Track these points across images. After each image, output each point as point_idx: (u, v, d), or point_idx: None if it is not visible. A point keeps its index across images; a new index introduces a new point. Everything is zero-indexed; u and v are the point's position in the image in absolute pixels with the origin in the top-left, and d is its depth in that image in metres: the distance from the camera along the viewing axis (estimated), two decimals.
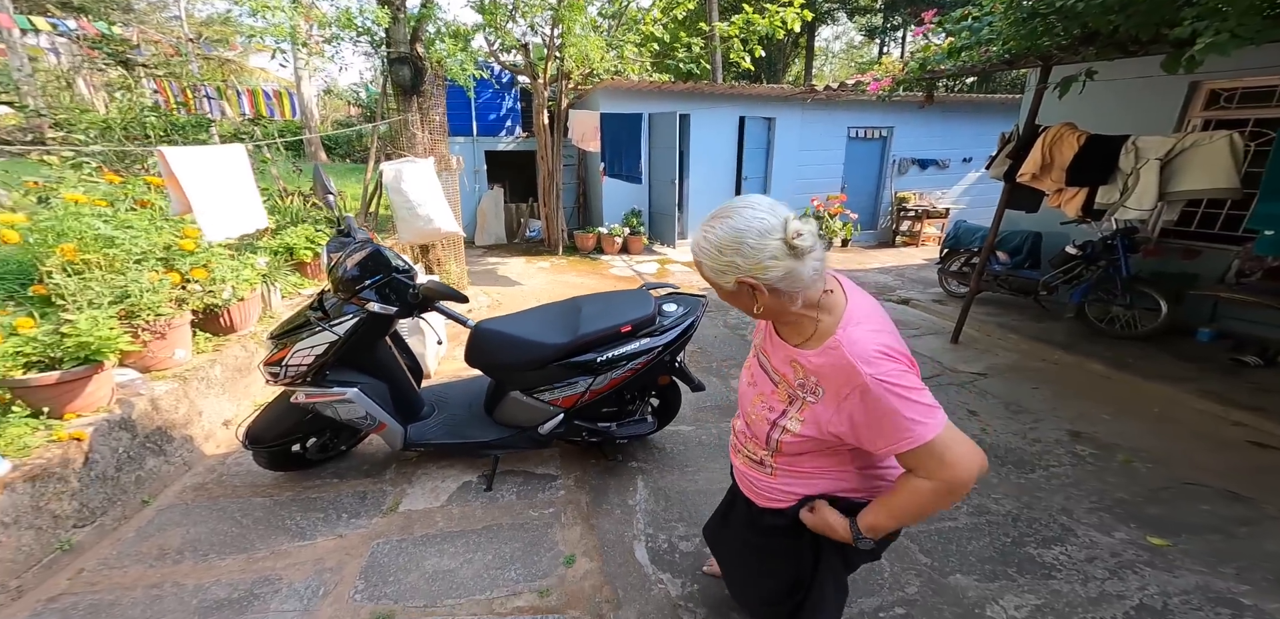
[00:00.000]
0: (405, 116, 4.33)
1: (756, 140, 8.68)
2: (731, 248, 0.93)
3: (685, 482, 2.55)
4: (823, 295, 1.01)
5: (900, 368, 0.93)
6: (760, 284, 0.94)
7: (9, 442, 2.12)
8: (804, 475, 1.15)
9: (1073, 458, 2.84)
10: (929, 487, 0.94)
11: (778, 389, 1.11)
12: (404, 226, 3.88)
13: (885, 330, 0.99)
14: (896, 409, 0.90)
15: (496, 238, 8.50)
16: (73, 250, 2.68)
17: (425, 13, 4.26)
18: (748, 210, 0.94)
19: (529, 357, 2.33)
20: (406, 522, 2.23)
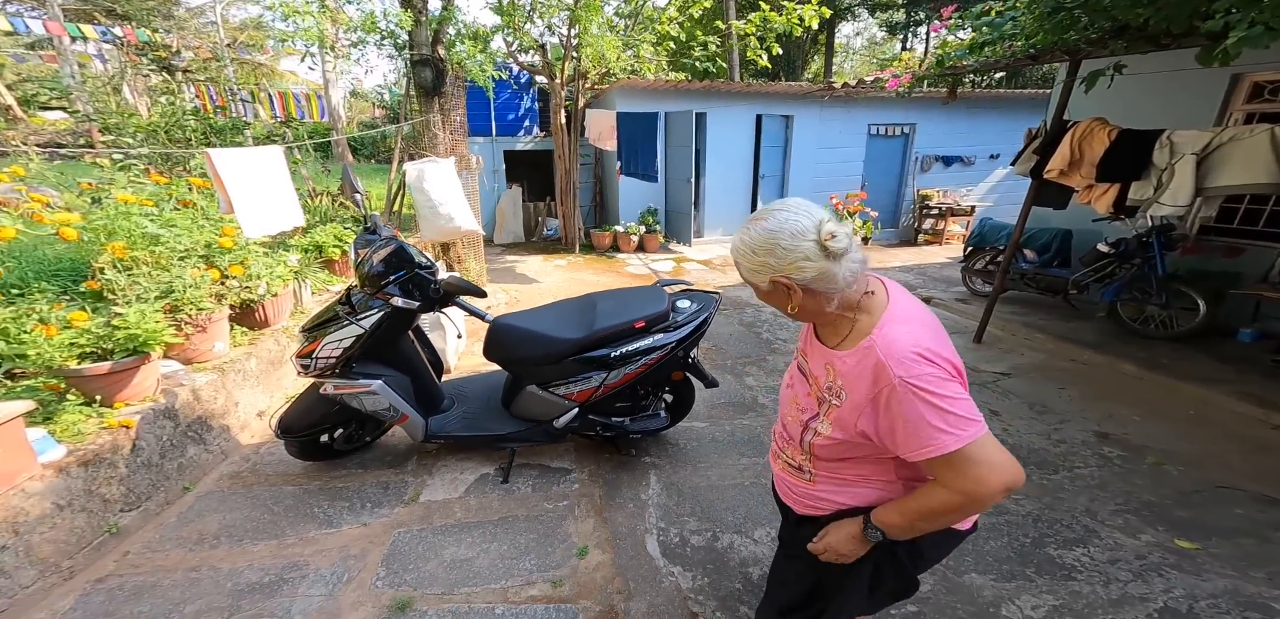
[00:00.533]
0: (427, 117, 4.44)
1: (774, 138, 8.60)
2: (765, 249, 0.95)
3: (698, 477, 2.57)
4: (863, 297, 1.00)
5: (937, 373, 0.89)
6: (794, 284, 0.95)
7: (64, 428, 2.26)
8: (845, 483, 1.11)
9: (1099, 459, 2.76)
10: (946, 496, 0.92)
11: (811, 390, 1.10)
12: (426, 225, 3.98)
13: (927, 333, 0.94)
14: (921, 415, 0.88)
15: (515, 236, 8.63)
16: (123, 248, 2.84)
17: (446, 15, 4.36)
18: (783, 213, 0.95)
19: (545, 351, 2.38)
20: (426, 512, 2.30)
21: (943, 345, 0.94)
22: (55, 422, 2.27)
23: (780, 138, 8.69)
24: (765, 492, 2.46)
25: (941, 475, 0.92)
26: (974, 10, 3.97)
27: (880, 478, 1.07)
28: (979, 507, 0.92)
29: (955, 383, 0.90)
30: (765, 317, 5.06)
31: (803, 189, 8.93)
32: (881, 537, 1.06)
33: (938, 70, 4.33)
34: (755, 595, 1.88)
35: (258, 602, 1.86)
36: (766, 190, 8.89)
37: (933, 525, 1.00)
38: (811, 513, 1.18)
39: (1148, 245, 4.43)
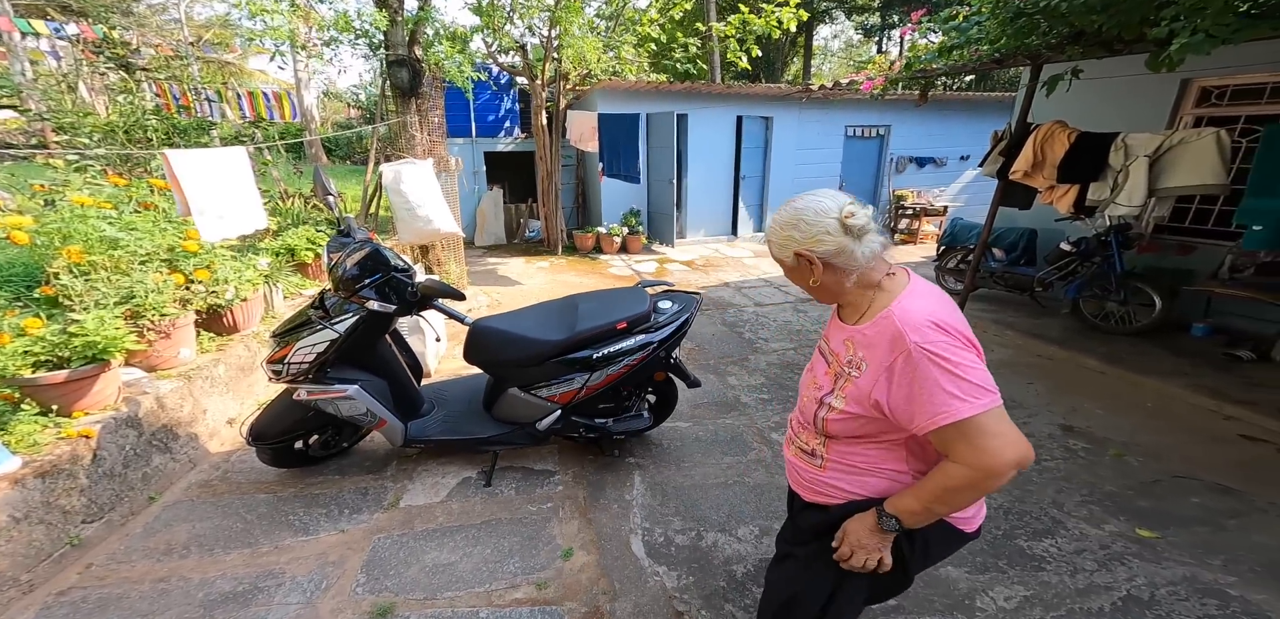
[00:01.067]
0: (404, 118, 4.36)
1: (754, 140, 8.70)
2: (791, 224, 1.04)
3: (682, 477, 2.57)
4: (882, 278, 1.05)
5: (951, 341, 0.92)
6: (815, 256, 1.02)
7: (19, 439, 2.16)
8: (855, 470, 1.11)
9: (1065, 452, 2.86)
10: (960, 471, 0.92)
11: (829, 369, 1.13)
12: (404, 227, 3.91)
13: (943, 307, 0.99)
14: (935, 379, 0.90)
15: (496, 238, 8.54)
16: (79, 252, 2.72)
17: (423, 15, 4.28)
18: (811, 196, 1.04)
19: (526, 353, 2.36)
20: (407, 517, 2.26)
21: (958, 320, 0.98)
22: (9, 432, 2.17)
23: (761, 139, 8.78)
24: (749, 490, 2.48)
25: (954, 448, 0.92)
26: (942, 14, 4.09)
27: (889, 467, 1.08)
28: (992, 482, 0.92)
29: (970, 352, 0.93)
30: (747, 317, 5.11)
31: (782, 190, 9.04)
32: (898, 526, 1.04)
33: (909, 73, 4.44)
34: (739, 593, 1.89)
35: (231, 611, 1.80)
36: (747, 192, 8.97)
37: (949, 507, 1.00)
38: (819, 500, 1.19)
39: (1107, 244, 4.61)
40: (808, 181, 9.10)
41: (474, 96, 7.77)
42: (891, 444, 1.07)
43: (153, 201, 3.70)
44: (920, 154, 9.92)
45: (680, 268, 7.11)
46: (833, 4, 18.14)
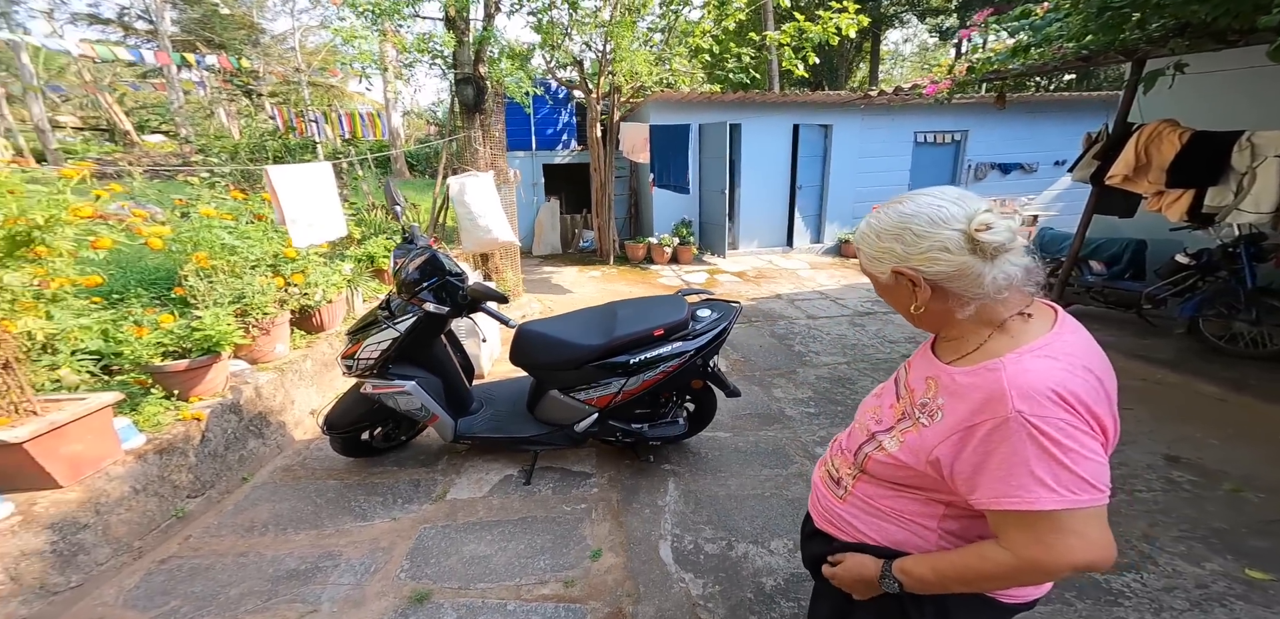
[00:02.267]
0: (468, 133, 4.69)
1: (812, 148, 8.43)
2: (893, 233, 0.84)
3: (717, 486, 2.52)
4: (1013, 317, 0.84)
5: (1072, 422, 0.73)
6: (921, 278, 0.82)
7: (145, 418, 2.52)
8: (876, 514, 0.99)
9: (1166, 484, 2.50)
10: (1004, 559, 0.78)
11: (898, 404, 0.97)
12: (466, 236, 4.17)
13: (1083, 381, 0.76)
14: (1025, 458, 0.74)
15: (552, 247, 8.84)
16: (205, 258, 3.14)
17: (486, 35, 4.59)
18: (925, 196, 0.83)
19: (566, 357, 2.43)
20: (451, 509, 2.39)
21: (1097, 400, 0.76)
22: (138, 412, 2.53)
23: (819, 148, 8.50)
24: (786, 503, 2.39)
25: (1010, 534, 0.78)
26: (1014, 12, 3.76)
27: (916, 522, 0.94)
28: (1039, 579, 0.79)
29: (1093, 440, 0.75)
30: (798, 329, 4.93)
31: (842, 200, 8.68)
32: (898, 589, 0.92)
33: (978, 75, 4.12)
34: (766, 606, 1.82)
35: (293, 588, 1.98)
36: (804, 202, 8.69)
37: (969, 589, 0.87)
38: (828, 530, 1.08)
39: (1235, 256, 4.00)
40: (870, 191, 8.66)
41: (534, 111, 8.17)
42: (929, 499, 0.91)
43: (264, 213, 4.22)
44: (1004, 160, 9.13)
45: (731, 279, 7.01)
46: (903, 7, 17.21)
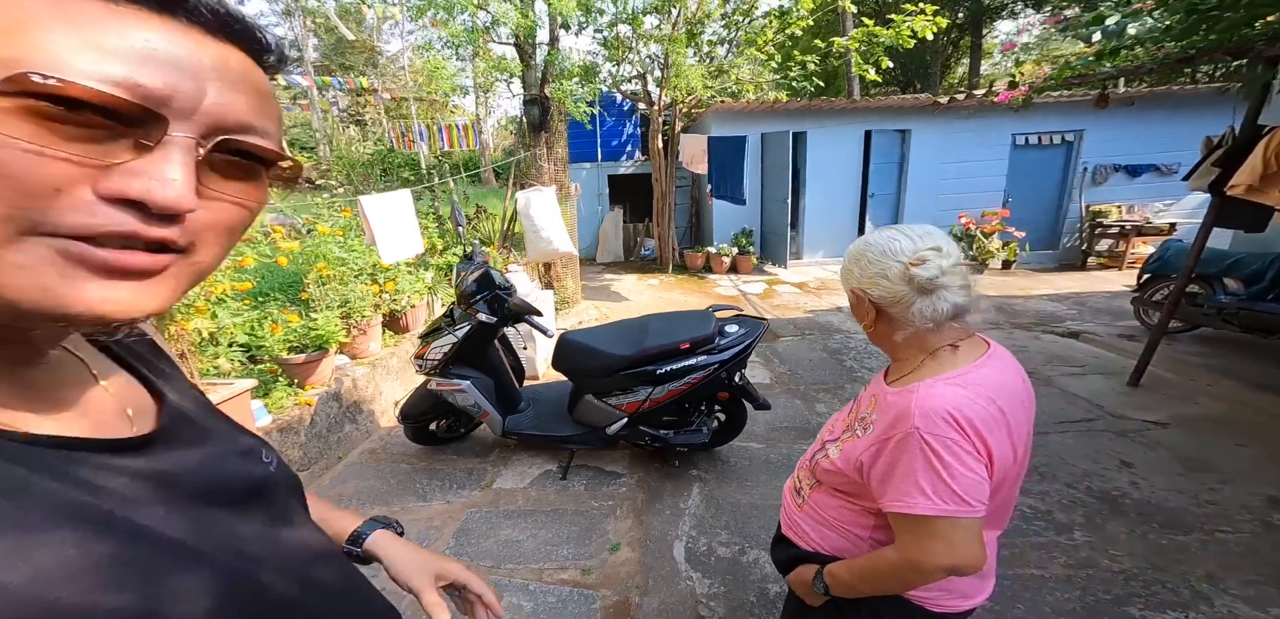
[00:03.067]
0: (534, 150, 5.11)
1: (886, 155, 8.01)
2: (855, 257, 0.99)
3: (740, 494, 2.60)
4: (944, 347, 0.94)
5: (958, 443, 0.83)
6: (866, 299, 0.96)
7: (273, 402, 3.07)
8: (823, 523, 1.09)
9: (1258, 527, 2.20)
10: (892, 557, 0.91)
11: (848, 417, 1.09)
12: (530, 246, 4.57)
13: (983, 409, 0.85)
14: (916, 469, 0.84)
15: (615, 255, 9.15)
16: (325, 267, 3.76)
17: (551, 58, 5.00)
18: (892, 231, 0.96)
19: (599, 365, 2.64)
20: (495, 497, 2.68)
21: (992, 428, 0.85)
22: (269, 396, 3.09)
23: (894, 154, 8.07)
24: None
25: (899, 535, 0.91)
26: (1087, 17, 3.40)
27: (851, 529, 1.05)
28: (916, 579, 0.91)
29: (975, 462, 0.84)
30: (853, 345, 4.77)
31: (922, 208, 8.15)
32: (825, 591, 1.03)
33: (1057, 81, 3.77)
34: (767, 610, 1.89)
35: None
36: (876, 211, 8.28)
37: (873, 589, 0.98)
38: (790, 537, 1.19)
39: None
40: (957, 199, 8.06)
41: (599, 123, 8.57)
42: (863, 510, 1.02)
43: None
44: (1133, 161, 8.02)
45: (790, 290, 6.88)
46: None
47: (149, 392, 0.47)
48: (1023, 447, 0.93)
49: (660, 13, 6.26)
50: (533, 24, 4.65)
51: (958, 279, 0.90)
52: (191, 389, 0.51)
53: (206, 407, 0.51)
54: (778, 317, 5.71)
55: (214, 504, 0.42)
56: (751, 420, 3.09)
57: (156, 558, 0.34)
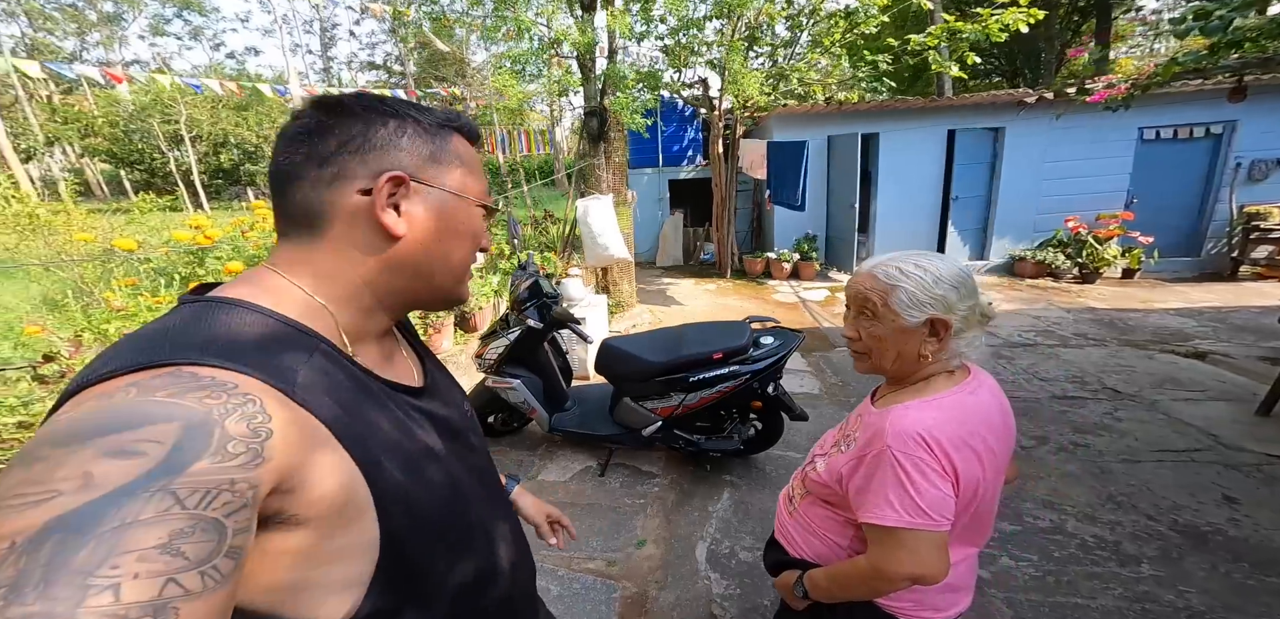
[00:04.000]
0: (593, 161, 5.41)
1: (974, 155, 7.44)
2: (955, 283, 1.01)
3: (770, 501, 2.66)
4: (941, 374, 1.02)
5: (927, 461, 0.91)
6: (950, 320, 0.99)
7: None
8: (810, 531, 1.18)
9: None
10: (861, 565, 1.00)
11: (838, 433, 1.17)
12: (588, 252, 4.87)
13: (954, 432, 0.93)
14: (886, 484, 0.92)
15: (674, 259, 9.26)
16: None
17: (609, 71, 5.27)
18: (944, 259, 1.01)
19: (636, 370, 2.83)
20: (539, 488, 2.95)
21: (960, 451, 0.93)
22: None
23: (984, 154, 7.48)
24: None
25: (870, 545, 0.99)
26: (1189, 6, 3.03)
27: (833, 537, 1.13)
28: (882, 586, 0.99)
29: (942, 481, 0.91)
30: None
31: (1019, 211, 7.51)
32: (804, 595, 1.12)
33: (1165, 76, 3.39)
34: None
35: None
36: (961, 214, 7.72)
37: (845, 595, 1.06)
38: (780, 542, 1.29)
39: None
40: (1063, 200, 7.34)
41: (662, 128, 8.75)
42: (845, 520, 1.10)
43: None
44: None
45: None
46: None
47: (417, 356, 0.75)
48: (994, 470, 0.99)
49: (723, 18, 6.34)
50: (592, 40, 4.94)
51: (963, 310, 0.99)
52: (430, 353, 0.80)
53: (439, 367, 0.80)
54: (836, 326, 5.57)
55: (445, 434, 0.67)
56: (793, 430, 3.14)
57: (426, 458, 0.60)
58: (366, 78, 30.00)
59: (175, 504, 0.36)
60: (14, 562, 0.32)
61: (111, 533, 0.33)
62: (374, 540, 0.52)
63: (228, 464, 0.39)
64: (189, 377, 0.43)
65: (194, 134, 20.07)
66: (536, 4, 5.15)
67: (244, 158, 21.87)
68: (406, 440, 0.58)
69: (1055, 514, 2.54)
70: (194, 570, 0.35)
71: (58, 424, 0.39)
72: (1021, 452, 3.08)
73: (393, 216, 0.58)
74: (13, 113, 18.72)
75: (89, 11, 27.23)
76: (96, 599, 0.31)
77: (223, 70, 31.32)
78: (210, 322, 0.49)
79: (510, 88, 5.24)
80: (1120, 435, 3.23)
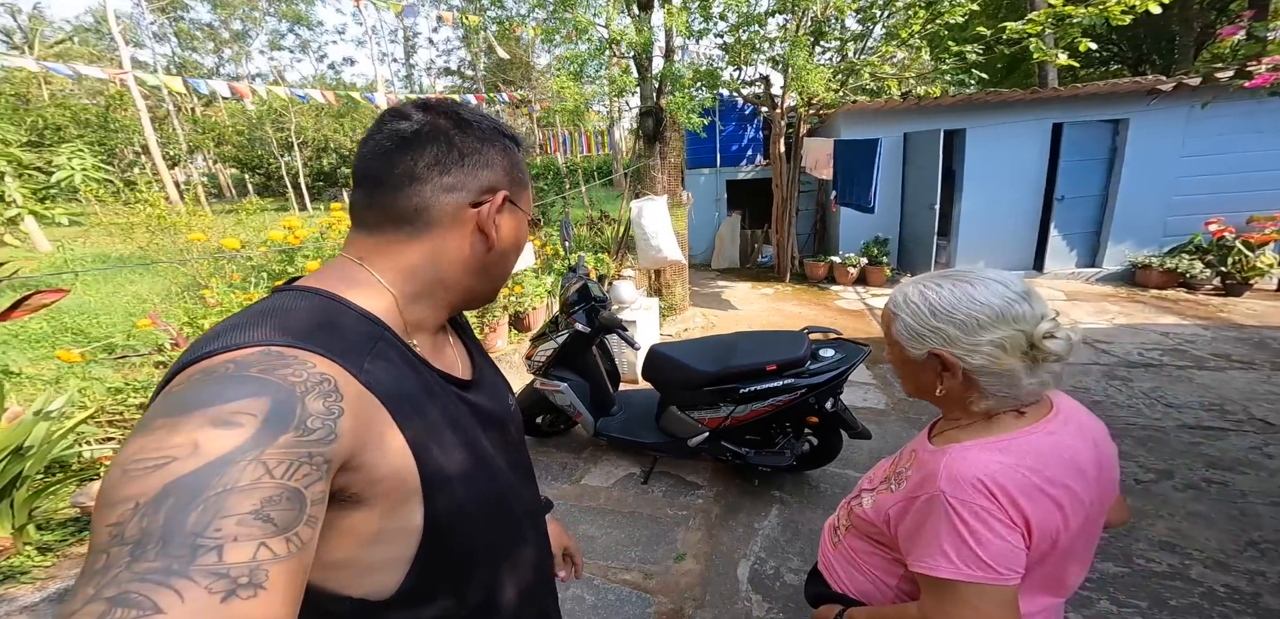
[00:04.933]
0: (648, 162, 5.41)
1: (1086, 151, 6.66)
2: (950, 314, 0.89)
3: (820, 521, 2.49)
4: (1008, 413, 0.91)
5: (990, 510, 0.81)
6: (959, 367, 0.88)
7: None
8: (854, 566, 1.11)
9: None
10: (914, 613, 0.92)
11: (890, 467, 1.09)
12: (641, 254, 4.87)
13: (1021, 474, 0.82)
14: (939, 532, 0.83)
15: (731, 262, 9.03)
16: None
17: (666, 71, 5.23)
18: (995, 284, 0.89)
19: (683, 378, 2.78)
20: (581, 493, 2.97)
21: (1032, 498, 0.82)
22: None
23: (1099, 149, 6.68)
24: None
25: (924, 595, 0.90)
26: None
27: (879, 575, 1.07)
28: None
29: (1009, 531, 0.81)
30: None
31: (1142, 212, 6.64)
32: None
33: None
34: None
35: None
36: (1065, 217, 6.96)
37: None
38: (822, 574, 1.23)
39: None
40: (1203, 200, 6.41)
41: (722, 127, 8.58)
42: (893, 559, 1.02)
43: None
44: None
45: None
46: None
47: (467, 350, 0.80)
48: (1082, 517, 0.87)
49: (786, 13, 6.12)
50: (649, 39, 4.95)
51: (1073, 344, 0.84)
52: (481, 348, 0.85)
53: (488, 361, 0.85)
54: None
55: (489, 427, 0.71)
56: (853, 447, 2.96)
57: (471, 448, 0.65)
58: (443, 83, 32.25)
59: (265, 473, 0.41)
60: (138, 521, 0.36)
61: (216, 497, 0.38)
62: (418, 524, 0.56)
63: (307, 438, 0.44)
64: (276, 356, 0.48)
65: (301, 140, 22.56)
66: (595, 4, 5.24)
67: (340, 161, 24.16)
68: (453, 429, 0.63)
69: (1176, 558, 2.23)
70: (280, 536, 0.39)
71: (171, 396, 0.44)
72: (1136, 486, 2.73)
73: (494, 228, 0.66)
74: (164, 126, 21.80)
75: (223, 30, 31.14)
76: (205, 559, 0.36)
77: (324, 81, 35.00)
78: (295, 308, 0.55)
79: (569, 89, 5.37)
80: (1271, 475, 2.77)
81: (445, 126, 0.64)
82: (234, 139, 23.82)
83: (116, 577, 0.34)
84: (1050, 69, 8.15)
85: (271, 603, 0.37)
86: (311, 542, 0.42)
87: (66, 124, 17.02)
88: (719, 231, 9.05)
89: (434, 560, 0.58)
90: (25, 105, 16.78)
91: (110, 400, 3.02)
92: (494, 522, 0.68)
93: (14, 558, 2.19)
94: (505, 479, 0.72)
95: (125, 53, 16.83)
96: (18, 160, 6.49)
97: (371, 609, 0.55)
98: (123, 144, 19.13)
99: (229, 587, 0.36)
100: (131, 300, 5.57)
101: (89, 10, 28.03)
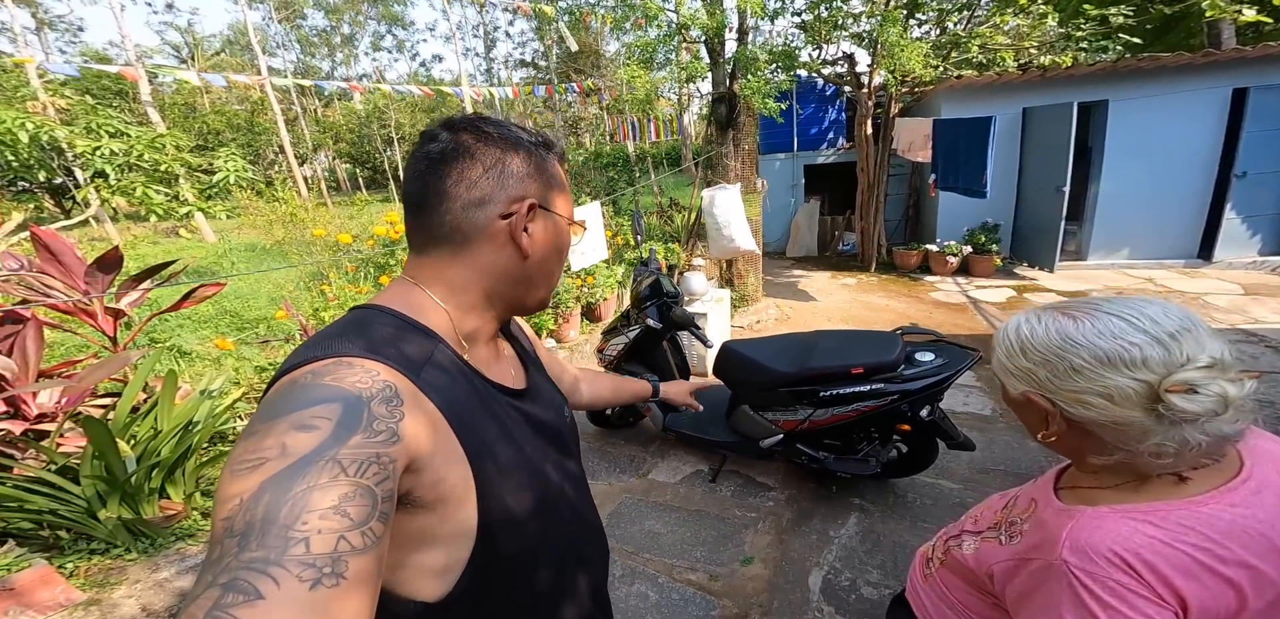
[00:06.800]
0: (721, 149, 5.27)
1: (1276, 121, 5.65)
2: (1044, 355, 0.76)
3: (910, 535, 2.35)
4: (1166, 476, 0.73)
5: (1131, 587, 0.67)
6: (1058, 415, 0.76)
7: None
8: (948, 604, 1.04)
9: None
10: None
11: (1001, 512, 0.97)
12: (713, 244, 4.79)
13: (1176, 553, 0.68)
14: (1058, 604, 0.71)
15: (808, 250, 8.63)
16: None
17: (739, 55, 5.06)
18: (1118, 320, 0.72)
19: (758, 378, 2.69)
20: (648, 487, 2.99)
21: (1191, 577, 0.67)
22: None
23: None
24: None
25: None
26: None
27: (976, 615, 0.99)
28: None
29: (1158, 609, 0.67)
30: None
31: None
32: None
33: None
34: None
35: None
36: (1246, 197, 5.94)
37: None
38: (909, 604, 1.18)
39: None
40: None
41: (800, 110, 8.19)
42: (993, 603, 0.93)
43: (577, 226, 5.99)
44: None
45: (1053, 299, 5.44)
46: None
47: (521, 361, 0.83)
48: (1270, 596, 0.70)
49: None
50: (721, 22, 4.81)
51: (1239, 402, 0.65)
52: (535, 357, 0.89)
53: (541, 370, 0.89)
54: None
55: (542, 435, 0.75)
56: (950, 456, 2.75)
57: (523, 456, 0.68)
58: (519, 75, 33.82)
59: (341, 471, 0.45)
60: (243, 515, 0.42)
61: (303, 494, 0.43)
62: (472, 529, 0.60)
63: (374, 440, 0.49)
64: (346, 366, 0.54)
65: (399, 135, 24.60)
66: None
67: None
68: (506, 438, 0.66)
69: None
70: (356, 529, 0.44)
71: (267, 403, 0.51)
72: None
73: (526, 238, 0.69)
74: (294, 127, 24.73)
75: (335, 35, 34.46)
76: (295, 549, 0.40)
77: (417, 77, 37.85)
78: (364, 324, 0.62)
79: (638, 77, 5.36)
80: None
81: (468, 143, 0.67)
82: (347, 136, 26.97)
83: (228, 565, 0.39)
84: (1225, 27, 7.00)
85: (351, 591, 0.41)
86: (384, 536, 0.46)
87: (223, 129, 19.98)
88: (795, 219, 8.70)
89: (487, 567, 0.61)
90: (192, 113, 19.66)
91: (257, 379, 3.49)
92: (545, 527, 0.70)
93: (184, 521, 2.53)
94: (558, 487, 0.75)
95: (262, 62, 19.12)
96: (188, 164, 7.77)
97: (431, 611, 0.59)
98: (264, 145, 21.89)
99: (315, 576, 0.40)
100: (274, 287, 6.49)
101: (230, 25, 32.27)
